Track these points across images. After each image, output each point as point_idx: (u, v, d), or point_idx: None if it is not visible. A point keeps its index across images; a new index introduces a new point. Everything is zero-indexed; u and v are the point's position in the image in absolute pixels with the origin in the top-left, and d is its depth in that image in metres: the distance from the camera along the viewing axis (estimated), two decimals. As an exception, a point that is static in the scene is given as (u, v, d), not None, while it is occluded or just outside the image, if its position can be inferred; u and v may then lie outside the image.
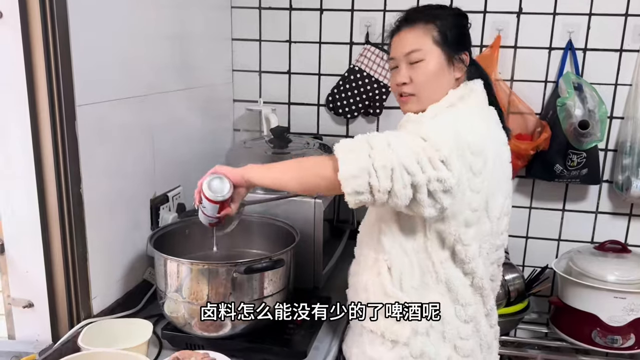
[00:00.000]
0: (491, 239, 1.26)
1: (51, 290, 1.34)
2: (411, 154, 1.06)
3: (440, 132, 1.11)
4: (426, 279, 1.22)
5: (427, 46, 1.25)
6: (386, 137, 1.09)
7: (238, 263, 1.30)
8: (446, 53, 1.25)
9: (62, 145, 1.27)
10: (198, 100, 1.96)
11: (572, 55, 2.02)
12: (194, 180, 1.89)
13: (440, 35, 1.25)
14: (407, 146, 1.07)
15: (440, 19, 1.26)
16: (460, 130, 1.13)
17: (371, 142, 1.08)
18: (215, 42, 2.11)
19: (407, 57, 1.26)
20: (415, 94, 1.27)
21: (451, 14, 1.30)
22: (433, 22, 1.26)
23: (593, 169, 2.01)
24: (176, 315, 1.35)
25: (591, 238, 2.16)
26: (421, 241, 1.21)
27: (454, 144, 1.10)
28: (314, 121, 2.25)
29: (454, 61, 1.26)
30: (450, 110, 1.22)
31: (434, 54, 1.25)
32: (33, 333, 1.35)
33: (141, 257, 1.61)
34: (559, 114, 1.96)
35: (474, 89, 1.27)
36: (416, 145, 1.07)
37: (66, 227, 1.31)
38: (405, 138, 1.10)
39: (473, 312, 1.25)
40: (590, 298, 1.92)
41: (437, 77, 1.25)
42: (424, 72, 1.25)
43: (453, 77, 1.27)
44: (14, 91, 1.22)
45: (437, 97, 1.25)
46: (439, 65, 1.25)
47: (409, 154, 1.06)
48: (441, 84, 1.26)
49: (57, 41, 1.22)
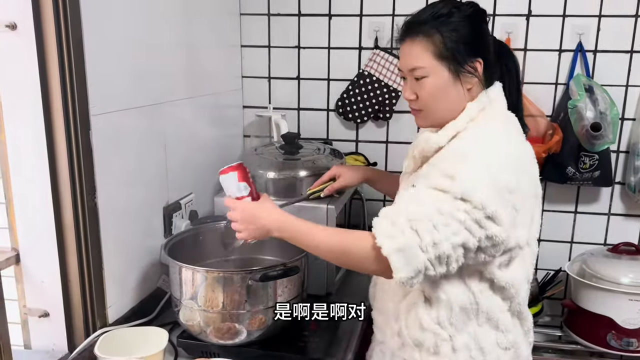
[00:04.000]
0: (532, 261, 1.22)
1: (67, 300, 1.34)
2: (458, 226, 1.02)
3: (478, 185, 1.03)
4: (466, 310, 1.16)
5: (429, 62, 1.14)
6: (428, 215, 1.03)
7: (253, 270, 1.30)
8: (452, 67, 1.15)
9: (77, 155, 1.27)
10: (208, 107, 1.96)
11: (582, 57, 2.01)
12: (206, 187, 1.92)
13: (444, 48, 1.13)
14: (453, 218, 1.02)
15: (445, 28, 1.14)
16: (494, 171, 1.06)
17: (417, 228, 1.02)
18: (224, 49, 2.11)
19: (411, 73, 1.18)
20: (423, 110, 1.20)
21: (462, 16, 1.16)
22: (436, 34, 1.14)
23: (605, 170, 2.00)
24: (192, 323, 1.35)
25: (604, 240, 2.15)
26: (457, 274, 1.13)
27: (495, 192, 1.04)
28: (324, 126, 2.25)
29: (461, 74, 1.15)
30: (473, 130, 1.14)
31: (437, 70, 1.15)
32: (49, 342, 1.36)
33: (155, 265, 1.61)
34: (570, 116, 1.95)
35: (494, 98, 1.19)
36: (459, 212, 1.02)
37: (81, 237, 1.31)
38: (446, 207, 1.03)
39: (513, 338, 1.20)
40: (604, 301, 1.91)
41: (444, 93, 1.16)
42: (429, 89, 1.16)
43: (464, 89, 1.17)
44: (29, 101, 1.23)
45: (449, 112, 1.17)
46: (444, 81, 1.15)
47: (457, 229, 1.02)
48: (450, 99, 1.17)
49: (71, 52, 1.23)
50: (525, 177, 1.12)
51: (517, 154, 1.15)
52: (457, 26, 1.14)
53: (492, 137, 1.13)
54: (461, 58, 1.14)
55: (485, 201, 1.02)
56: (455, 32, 1.14)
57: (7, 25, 1.19)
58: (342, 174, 1.56)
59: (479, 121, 1.15)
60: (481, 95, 1.18)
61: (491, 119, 1.16)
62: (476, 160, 1.07)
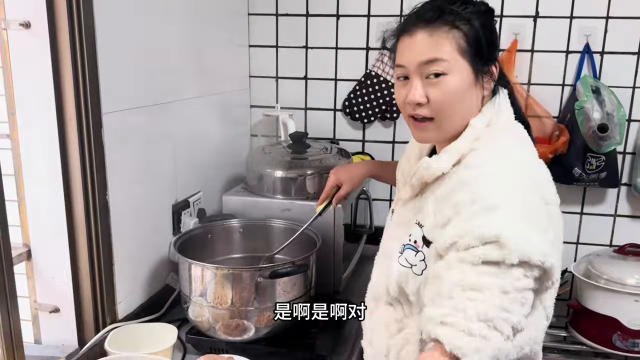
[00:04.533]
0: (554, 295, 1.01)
1: (77, 296, 1.36)
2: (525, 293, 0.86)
3: (528, 241, 0.85)
4: None
5: (452, 56, 0.96)
6: (496, 304, 0.83)
7: (262, 268, 1.31)
8: (475, 67, 0.98)
9: (88, 153, 1.29)
10: (216, 106, 1.98)
11: (589, 59, 2.01)
12: (214, 185, 1.94)
13: (469, 44, 0.97)
14: (517, 290, 0.85)
15: (469, 21, 0.97)
16: (531, 216, 0.90)
17: (494, 325, 0.82)
18: (232, 48, 2.13)
19: (424, 67, 0.97)
20: (435, 119, 1.00)
21: (481, 12, 1.00)
22: (461, 25, 0.97)
23: (612, 172, 2.01)
24: (200, 320, 1.36)
25: (610, 241, 2.15)
26: None
27: (542, 238, 0.88)
28: (331, 126, 2.26)
29: (483, 77, 1.00)
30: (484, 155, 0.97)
31: (460, 67, 0.97)
32: (59, 338, 1.37)
33: (163, 262, 1.62)
34: (577, 117, 1.95)
35: (502, 110, 1.03)
36: (521, 280, 0.85)
37: (92, 233, 1.33)
38: (508, 283, 0.84)
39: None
40: (610, 301, 1.91)
41: (464, 98, 0.98)
42: (447, 90, 0.97)
43: (480, 96, 1.01)
44: (42, 100, 1.24)
45: (463, 122, 1.00)
46: (466, 82, 0.98)
47: (525, 296, 0.86)
48: (467, 106, 1.00)
49: (84, 50, 1.24)
50: (551, 206, 0.96)
51: (539, 179, 0.97)
52: (480, 20, 0.98)
53: (512, 168, 0.95)
54: (485, 58, 0.99)
55: (543, 255, 0.86)
56: (482, 27, 0.98)
57: (21, 24, 1.21)
58: (343, 181, 1.44)
59: (486, 140, 0.99)
60: (486, 108, 1.02)
61: (499, 136, 1.00)
62: (509, 209, 0.88)
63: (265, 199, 1.75)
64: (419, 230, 1.00)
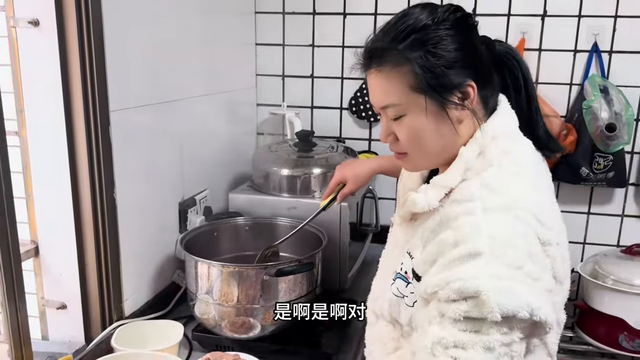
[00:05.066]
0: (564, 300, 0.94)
1: (84, 292, 1.36)
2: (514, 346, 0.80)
3: (511, 296, 0.78)
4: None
5: (404, 97, 0.88)
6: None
7: (268, 266, 1.31)
8: (435, 99, 0.87)
9: (96, 150, 1.30)
10: (223, 105, 1.98)
11: (597, 58, 2.00)
12: (220, 183, 1.94)
13: (421, 78, 0.86)
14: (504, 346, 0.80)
15: (419, 49, 0.86)
16: (518, 267, 0.81)
17: None
18: (239, 47, 2.13)
19: (384, 111, 0.92)
20: (408, 153, 0.95)
21: (441, 30, 0.87)
22: (409, 60, 0.86)
23: (619, 171, 1.99)
24: (207, 317, 1.36)
25: (617, 242, 2.14)
26: None
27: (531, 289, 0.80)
28: (337, 125, 2.26)
29: (448, 107, 0.88)
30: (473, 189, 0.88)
31: (417, 104, 0.88)
32: (66, 334, 1.38)
33: (170, 260, 1.63)
34: (585, 116, 1.94)
35: (498, 134, 0.91)
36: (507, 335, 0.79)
37: (100, 231, 1.34)
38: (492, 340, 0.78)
39: None
40: (617, 302, 1.90)
41: (432, 131, 0.90)
42: (410, 130, 0.91)
43: (456, 124, 0.90)
44: (50, 97, 1.25)
45: (444, 151, 0.93)
46: (429, 117, 0.89)
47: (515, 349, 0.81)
48: (440, 138, 0.91)
49: (92, 48, 1.25)
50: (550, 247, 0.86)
51: (535, 223, 0.85)
52: (436, 45, 0.86)
53: (501, 210, 0.85)
54: (445, 87, 0.87)
55: (530, 309, 0.79)
56: (433, 54, 0.86)
57: (30, 21, 1.21)
58: (348, 179, 1.40)
59: (478, 170, 0.89)
60: (478, 133, 0.91)
61: (493, 165, 0.89)
62: (490, 258, 0.80)
63: (271, 197, 1.75)
64: (409, 262, 0.95)
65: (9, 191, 1.11)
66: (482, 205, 0.85)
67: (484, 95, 0.92)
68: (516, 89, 0.99)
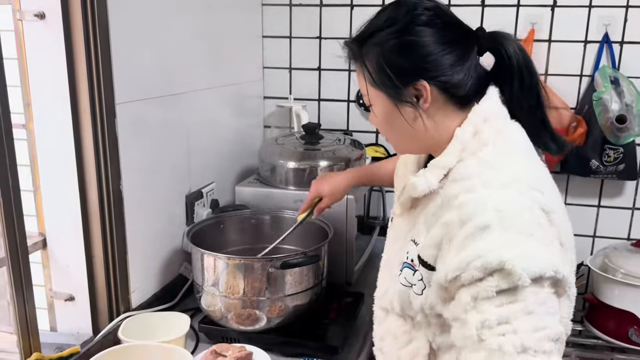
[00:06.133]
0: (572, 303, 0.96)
1: (92, 284, 1.37)
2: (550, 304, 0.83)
3: (535, 259, 0.81)
4: None
5: (368, 90, 0.96)
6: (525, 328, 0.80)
7: (274, 258, 1.31)
8: (388, 94, 0.93)
9: (102, 143, 1.30)
10: (229, 97, 1.98)
11: (608, 49, 1.97)
12: (227, 176, 1.94)
13: (371, 75, 0.93)
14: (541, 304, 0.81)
15: (366, 50, 0.93)
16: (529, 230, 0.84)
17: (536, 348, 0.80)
18: (246, 39, 2.12)
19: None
20: (388, 140, 1.03)
21: (383, 30, 0.92)
22: (362, 58, 0.94)
23: (630, 164, 1.97)
24: (213, 309, 1.37)
25: (628, 235, 2.12)
26: None
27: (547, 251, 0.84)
28: (344, 117, 2.25)
29: (400, 104, 0.93)
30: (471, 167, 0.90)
31: (376, 98, 0.96)
32: (74, 326, 1.39)
33: (177, 252, 1.63)
34: (595, 108, 1.92)
35: (489, 116, 0.93)
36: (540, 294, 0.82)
37: (106, 223, 1.34)
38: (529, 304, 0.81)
39: None
40: (627, 295, 1.89)
41: (391, 125, 0.97)
42: (378, 117, 0.98)
43: (414, 118, 0.94)
44: (56, 90, 1.26)
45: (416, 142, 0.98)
46: (386, 112, 0.95)
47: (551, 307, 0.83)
48: (404, 131, 0.96)
49: (98, 41, 1.25)
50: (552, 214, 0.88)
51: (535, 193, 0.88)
52: (383, 46, 0.92)
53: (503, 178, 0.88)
54: (392, 86, 0.92)
55: (553, 265, 0.82)
56: (379, 54, 0.92)
57: (35, 14, 1.22)
58: (324, 194, 1.43)
59: (473, 149, 0.92)
60: (471, 114, 0.94)
61: (488, 144, 0.92)
62: (500, 229, 0.83)
63: (278, 190, 1.75)
64: (414, 248, 0.96)
65: (15, 184, 1.12)
66: (481, 181, 0.87)
67: (451, 89, 0.93)
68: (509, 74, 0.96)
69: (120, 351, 1.16)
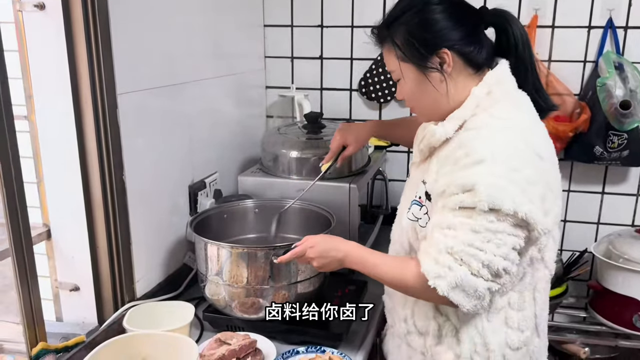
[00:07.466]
0: (557, 247, 1.16)
1: (96, 274, 1.38)
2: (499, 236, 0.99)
3: (502, 191, 0.98)
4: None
5: (397, 65, 1.13)
6: (465, 240, 0.99)
7: (277, 247, 1.32)
8: (417, 67, 1.11)
9: (104, 133, 1.30)
10: (231, 87, 1.97)
11: (612, 34, 1.96)
12: (230, 166, 1.95)
13: (401, 51, 1.10)
14: (490, 232, 0.99)
15: (394, 30, 1.11)
16: (513, 170, 1.00)
17: (461, 258, 1.00)
18: (247, 29, 2.12)
19: (392, 75, 1.18)
20: (414, 109, 1.20)
21: (406, 22, 1.10)
22: (390, 39, 1.12)
23: (634, 150, 1.96)
24: (217, 298, 1.38)
25: (632, 221, 2.11)
26: None
27: (520, 192, 0.99)
28: (347, 106, 2.25)
29: (427, 71, 1.10)
30: (481, 118, 1.07)
31: (406, 71, 1.12)
32: (79, 315, 1.41)
33: (181, 242, 1.64)
34: (599, 94, 1.91)
35: (501, 80, 1.10)
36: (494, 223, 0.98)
37: (110, 213, 1.35)
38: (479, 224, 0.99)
39: (525, 338, 1.13)
40: (631, 282, 1.89)
41: (421, 92, 1.13)
42: (405, 91, 1.15)
43: (440, 82, 1.10)
44: (57, 81, 1.26)
45: (440, 107, 1.13)
46: (416, 81, 1.12)
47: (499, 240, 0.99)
48: (431, 96, 1.12)
49: (99, 31, 1.25)
50: (545, 162, 1.06)
51: (532, 140, 1.06)
52: (410, 27, 1.10)
53: (503, 128, 1.06)
54: (420, 56, 1.09)
55: (515, 205, 0.97)
56: (404, 30, 1.10)
57: (35, 5, 1.22)
58: (349, 142, 1.50)
59: (486, 106, 1.08)
60: (486, 77, 1.11)
61: (499, 102, 1.09)
62: (492, 162, 1.00)
63: (281, 179, 1.75)
64: (423, 187, 1.13)
65: (18, 175, 1.12)
66: (489, 128, 1.05)
67: (467, 55, 1.10)
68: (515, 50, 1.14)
69: (126, 340, 1.17)
